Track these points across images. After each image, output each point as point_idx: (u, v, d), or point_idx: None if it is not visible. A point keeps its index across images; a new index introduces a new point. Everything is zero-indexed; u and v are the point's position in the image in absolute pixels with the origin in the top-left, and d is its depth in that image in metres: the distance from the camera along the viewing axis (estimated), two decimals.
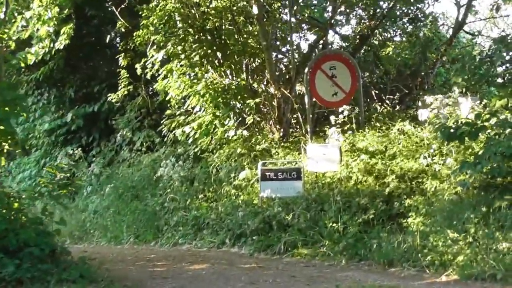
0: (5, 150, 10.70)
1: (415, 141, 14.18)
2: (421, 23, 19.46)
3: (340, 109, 14.94)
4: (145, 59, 17.44)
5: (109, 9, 17.81)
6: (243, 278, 10.99)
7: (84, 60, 19.38)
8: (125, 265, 12.76)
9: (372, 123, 15.31)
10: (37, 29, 17.12)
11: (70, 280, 9.85)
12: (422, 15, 19.45)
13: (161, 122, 17.84)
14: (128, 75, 17.92)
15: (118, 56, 17.96)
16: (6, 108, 9.90)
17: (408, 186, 13.11)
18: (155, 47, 17.10)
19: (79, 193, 19.29)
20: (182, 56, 16.73)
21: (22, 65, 18.03)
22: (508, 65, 11.63)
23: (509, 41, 11.73)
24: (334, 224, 12.72)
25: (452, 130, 11.49)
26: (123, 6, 17.47)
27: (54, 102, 20.83)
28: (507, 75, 11.44)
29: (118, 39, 17.90)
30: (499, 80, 11.80)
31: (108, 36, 18.08)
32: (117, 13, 17.61)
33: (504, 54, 11.66)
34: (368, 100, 16.22)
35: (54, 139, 20.76)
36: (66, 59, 18.98)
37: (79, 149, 19.91)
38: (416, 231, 11.51)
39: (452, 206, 11.68)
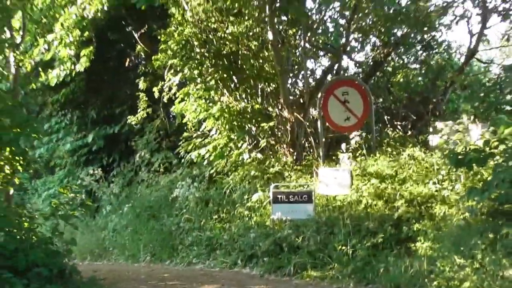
0: (19, 168, 10.37)
1: (425, 166, 13.84)
2: (434, 51, 19.09)
3: (351, 136, 14.66)
4: (162, 83, 17.17)
5: (130, 33, 17.27)
6: None
7: (105, 83, 19.12)
8: (138, 284, 12.43)
9: (384, 148, 14.96)
10: (59, 52, 16.91)
11: None
12: (435, 42, 19.07)
13: (179, 144, 17.51)
14: (147, 98, 17.67)
15: (137, 79, 17.66)
16: (17, 130, 9.58)
17: (417, 211, 12.71)
18: (172, 70, 16.83)
19: (99, 211, 19.06)
20: (199, 80, 16.47)
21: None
22: None
23: None
24: (343, 247, 12.38)
25: (460, 157, 11.12)
26: (143, 31, 17.23)
27: (76, 123, 20.61)
28: None
29: (138, 63, 17.39)
30: (508, 107, 11.29)
31: (128, 60, 17.70)
32: (137, 37, 17.39)
33: None
34: (380, 125, 15.84)
35: (76, 159, 20.55)
36: (87, 81, 18.83)
37: (100, 169, 19.67)
38: (424, 256, 11.21)
39: (460, 231, 11.34)
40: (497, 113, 11.48)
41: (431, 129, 16.89)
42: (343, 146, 14.77)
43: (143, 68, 17.51)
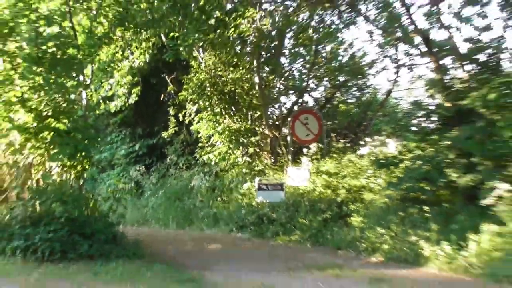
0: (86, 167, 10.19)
1: (358, 167, 13.68)
2: (364, 91, 19.09)
3: (311, 146, 14.56)
4: (185, 110, 17.08)
5: (164, 78, 17.24)
6: (243, 256, 10.70)
7: (147, 110, 19.15)
8: (166, 244, 12.39)
9: (331, 154, 14.86)
10: (117, 90, 16.84)
11: (126, 256, 9.35)
12: (365, 86, 19.06)
13: (195, 150, 17.44)
14: (175, 120, 17.61)
15: (168, 108, 17.59)
16: (86, 142, 9.41)
17: (353, 196, 12.72)
18: (191, 102, 16.76)
19: (143, 195, 18.95)
20: (208, 108, 16.44)
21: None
22: (420, 119, 11.08)
23: (420, 103, 11.27)
24: (304, 220, 12.41)
25: (382, 161, 11.05)
26: (172, 76, 17.19)
27: (128, 137, 20.57)
28: (420, 126, 10.88)
29: (169, 97, 17.42)
30: (413, 128, 11.23)
31: (163, 95, 17.65)
32: (168, 81, 17.36)
33: (418, 112, 11.17)
34: (329, 139, 15.73)
35: (128, 160, 20.46)
36: (135, 109, 18.83)
37: (143, 167, 19.64)
38: (357, 227, 11.12)
39: (381, 211, 11.23)
40: (406, 132, 11.36)
41: (362, 142, 16.86)
42: (305, 152, 14.67)
43: (172, 101, 17.38)
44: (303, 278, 8.26)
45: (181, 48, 14.34)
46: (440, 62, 11.61)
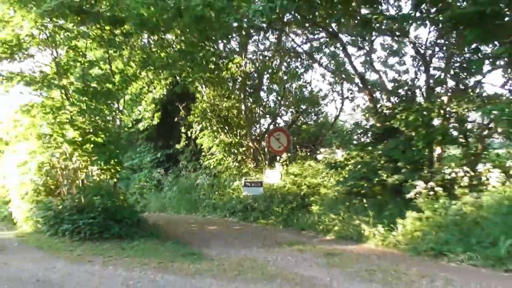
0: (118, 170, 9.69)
1: (316, 169, 13.28)
2: (319, 115, 18.72)
3: (282, 155, 14.19)
4: (192, 129, 16.59)
5: (177, 106, 16.73)
6: (232, 235, 10.17)
7: (165, 128, 18.51)
8: (177, 226, 11.80)
9: (296, 160, 14.45)
10: (144, 115, 16.33)
11: (146, 236, 8.85)
12: (320, 111, 18.71)
13: (200, 158, 16.95)
14: (185, 136, 17.04)
15: (180, 127, 17.06)
16: (117, 151, 8.92)
17: (312, 191, 12.21)
18: (196, 123, 16.28)
19: (162, 190, 18.36)
20: (209, 128, 15.93)
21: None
22: (359, 135, 10.72)
23: (359, 124, 10.92)
24: (277, 208, 11.99)
25: (332, 164, 10.65)
26: (183, 104, 16.70)
27: (152, 148, 20.00)
28: (359, 140, 10.51)
29: (181, 119, 16.86)
30: (355, 142, 10.84)
31: (176, 118, 17.14)
32: (180, 108, 16.81)
33: (358, 130, 10.80)
34: (295, 150, 15.34)
35: (151, 165, 19.88)
36: (157, 128, 18.18)
37: (163, 170, 19.11)
38: (315, 213, 10.68)
39: (332, 202, 10.84)
40: (349, 144, 10.98)
41: (318, 152, 16.50)
42: (278, 159, 14.27)
43: (183, 122, 16.86)
44: (276, 252, 7.84)
45: (188, 84, 14.04)
46: (373, 95, 11.38)
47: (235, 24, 9.78)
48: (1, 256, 7.47)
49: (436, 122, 9.64)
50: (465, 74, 9.95)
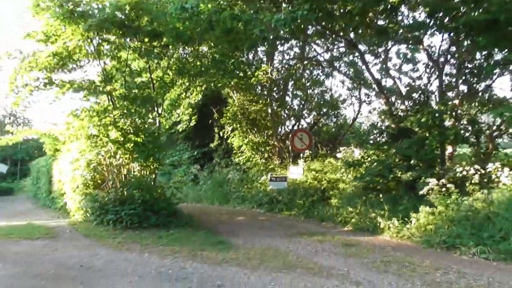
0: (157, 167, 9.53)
1: (335, 166, 12.84)
2: (339, 118, 18.15)
3: (305, 153, 13.79)
4: (224, 129, 16.38)
5: (211, 109, 16.52)
6: (258, 225, 9.83)
7: (201, 129, 18.32)
8: (210, 216, 11.55)
9: (317, 158, 14.04)
10: (182, 117, 16.26)
11: (181, 225, 8.67)
12: (340, 114, 18.15)
13: (231, 155, 16.68)
14: (218, 136, 16.86)
15: (214, 128, 16.89)
16: (156, 150, 8.75)
17: (331, 185, 11.78)
18: (228, 124, 16.03)
19: (199, 183, 18.17)
20: (239, 128, 15.67)
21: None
22: (376, 135, 10.21)
23: (375, 125, 10.39)
24: (299, 201, 11.53)
25: (350, 162, 10.16)
26: (217, 108, 16.51)
27: (189, 146, 19.90)
28: (376, 140, 9.99)
29: (215, 121, 16.61)
30: (371, 142, 10.31)
31: (210, 120, 16.95)
32: (215, 111, 16.64)
33: (374, 131, 10.27)
34: (316, 148, 14.90)
35: (189, 161, 19.76)
36: (194, 129, 18.07)
37: (199, 165, 18.90)
38: (334, 206, 10.26)
39: (350, 196, 10.40)
40: (366, 144, 10.45)
41: (338, 150, 16.00)
42: (302, 155, 13.86)
43: (216, 124, 16.67)
44: (298, 242, 7.48)
45: (220, 89, 13.81)
46: (389, 99, 10.85)
47: (261, 35, 9.50)
48: (54, 243, 7.42)
49: (448, 123, 9.11)
50: (475, 79, 9.37)
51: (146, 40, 8.99)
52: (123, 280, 5.19)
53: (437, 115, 8.60)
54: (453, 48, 9.80)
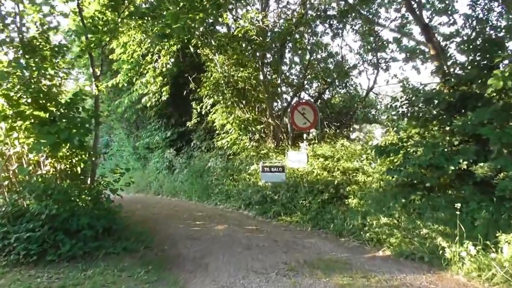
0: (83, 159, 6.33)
1: (351, 150, 9.79)
2: (351, 88, 15.02)
3: (310, 131, 10.91)
4: (202, 103, 13.13)
5: (187, 77, 13.21)
6: (243, 242, 6.74)
7: (177, 104, 15.12)
8: (175, 224, 8.54)
9: (325, 139, 10.99)
10: (150, 88, 13.05)
11: (115, 253, 5.47)
12: (349, 83, 15.00)
13: (214, 136, 13.44)
14: (197, 112, 13.59)
15: (191, 102, 13.62)
16: (74, 131, 5.52)
17: (347, 178, 8.71)
18: (207, 97, 12.77)
19: (175, 172, 15.11)
20: (222, 102, 12.40)
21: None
22: (420, 106, 6.93)
23: (420, 90, 7.09)
24: (303, 201, 8.47)
25: (382, 148, 6.95)
26: (194, 76, 13.10)
27: (163, 125, 16.60)
28: (421, 113, 6.70)
29: (191, 92, 13.37)
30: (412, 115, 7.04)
31: (185, 92, 13.62)
32: (191, 79, 13.28)
33: (416, 99, 6.94)
34: (322, 126, 11.77)
35: (164, 144, 16.53)
36: (167, 103, 14.93)
37: (174, 150, 15.75)
38: (356, 211, 7.23)
39: (378, 194, 7.35)
40: (406, 119, 7.18)
41: (351, 129, 12.95)
42: (305, 137, 10.89)
43: (192, 95, 13.40)
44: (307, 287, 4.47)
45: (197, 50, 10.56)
46: (442, 48, 7.57)
47: None
48: None
49: None
50: None
51: None
52: None
53: None
54: None
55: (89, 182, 6.71)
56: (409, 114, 7.21)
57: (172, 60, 12.32)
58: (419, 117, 6.89)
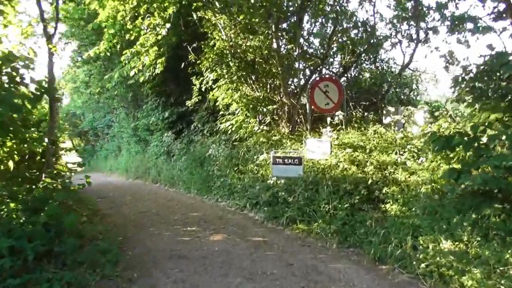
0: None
1: (387, 139, 7.93)
2: (381, 63, 13.03)
3: (336, 113, 9.16)
4: (203, 78, 11.26)
5: (186, 47, 11.30)
6: (244, 267, 4.92)
7: (176, 80, 13.45)
8: (158, 232, 6.92)
9: (352, 124, 9.11)
10: (142, 60, 11.18)
11: None
12: (380, 58, 13.05)
13: (218, 118, 11.61)
14: (198, 89, 11.72)
15: (191, 77, 11.73)
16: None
17: (383, 175, 6.88)
18: (209, 70, 10.90)
19: (173, 158, 13.44)
20: (226, 76, 10.52)
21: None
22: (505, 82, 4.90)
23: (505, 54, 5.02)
24: (326, 205, 6.61)
25: (444, 140, 5.00)
26: (194, 45, 11.17)
27: (161, 104, 14.93)
28: (502, 91, 4.66)
29: (189, 64, 11.54)
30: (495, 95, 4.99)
31: (184, 64, 11.71)
32: (190, 50, 11.34)
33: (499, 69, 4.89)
34: (349, 109, 9.86)
35: (163, 126, 14.90)
36: (166, 79, 13.24)
37: (172, 133, 14.19)
38: (400, 223, 5.38)
39: (431, 202, 5.50)
40: (481, 100, 5.14)
41: (384, 112, 10.99)
42: (328, 121, 9.18)
43: (191, 69, 11.53)
44: None
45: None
46: None
47: None
48: None
49: None
50: None
51: None
52: None
53: None
54: None
55: (43, 177, 5.03)
56: (489, 93, 5.19)
57: (169, 25, 10.43)
58: (502, 96, 4.91)
